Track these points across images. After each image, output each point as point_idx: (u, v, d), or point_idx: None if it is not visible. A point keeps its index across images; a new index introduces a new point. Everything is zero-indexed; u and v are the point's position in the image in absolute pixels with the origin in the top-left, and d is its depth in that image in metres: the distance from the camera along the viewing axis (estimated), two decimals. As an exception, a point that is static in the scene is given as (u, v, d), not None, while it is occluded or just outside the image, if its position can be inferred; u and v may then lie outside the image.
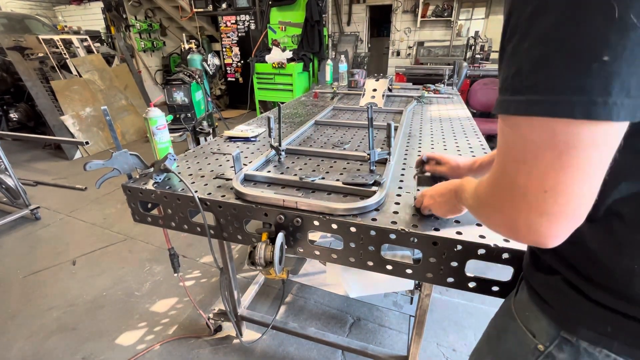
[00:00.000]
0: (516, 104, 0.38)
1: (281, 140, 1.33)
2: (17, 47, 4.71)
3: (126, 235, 2.76)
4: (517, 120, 0.39)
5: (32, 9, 8.33)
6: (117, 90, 5.35)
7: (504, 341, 0.63)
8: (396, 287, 1.40)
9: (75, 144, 4.47)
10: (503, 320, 0.66)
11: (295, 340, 1.77)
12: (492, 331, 0.70)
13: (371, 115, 1.09)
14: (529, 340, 0.56)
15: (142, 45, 7.52)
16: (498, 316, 0.70)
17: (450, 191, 0.74)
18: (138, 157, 1.17)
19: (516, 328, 0.59)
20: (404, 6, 6.83)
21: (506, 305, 0.67)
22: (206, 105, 4.34)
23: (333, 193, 1.05)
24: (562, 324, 0.52)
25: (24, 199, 2.96)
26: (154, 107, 1.31)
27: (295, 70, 5.28)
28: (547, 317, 0.53)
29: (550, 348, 0.52)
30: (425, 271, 0.86)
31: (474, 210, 0.56)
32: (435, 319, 1.87)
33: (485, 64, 4.79)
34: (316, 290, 2.10)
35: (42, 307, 2.03)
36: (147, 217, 1.18)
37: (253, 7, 6.23)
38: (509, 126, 0.40)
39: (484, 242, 0.79)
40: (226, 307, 1.49)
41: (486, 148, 1.43)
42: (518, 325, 0.59)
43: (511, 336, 0.61)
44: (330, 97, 2.65)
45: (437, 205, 0.80)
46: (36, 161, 4.59)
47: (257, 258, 0.92)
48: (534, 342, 0.55)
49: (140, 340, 1.80)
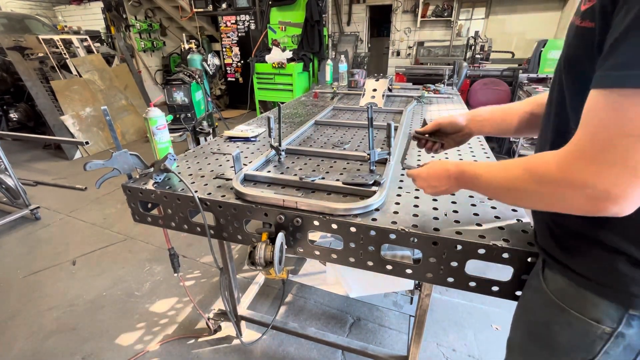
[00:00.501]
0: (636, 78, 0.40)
1: (281, 140, 1.33)
2: (17, 47, 4.71)
3: (126, 235, 2.76)
4: (635, 93, 0.40)
5: (32, 9, 8.33)
6: (117, 90, 5.34)
7: (558, 335, 0.61)
8: (396, 287, 1.40)
9: (75, 144, 4.47)
10: (546, 314, 0.64)
11: (295, 340, 1.77)
12: (533, 328, 0.68)
13: (371, 115, 1.09)
14: (593, 327, 0.56)
15: (142, 45, 7.52)
16: (534, 312, 0.68)
17: (449, 178, 0.72)
18: (138, 157, 1.17)
19: (571, 319, 0.59)
20: (404, 6, 6.83)
21: (539, 298, 0.66)
22: (206, 105, 4.34)
23: (333, 193, 1.05)
24: (629, 303, 0.52)
25: (24, 199, 2.96)
26: (154, 107, 1.31)
27: (295, 70, 5.28)
28: (609, 300, 0.54)
29: (620, 328, 0.53)
30: (425, 271, 0.86)
31: (529, 193, 0.54)
32: (435, 319, 1.87)
33: (485, 64, 4.78)
34: (316, 290, 2.10)
35: (42, 307, 2.03)
36: (147, 217, 1.18)
37: (253, 7, 6.23)
38: (622, 100, 0.42)
39: (484, 242, 0.79)
40: (226, 307, 1.49)
41: (486, 147, 1.43)
42: (572, 315, 0.58)
43: (566, 328, 0.60)
44: (330, 97, 2.65)
45: (431, 189, 0.80)
46: (36, 161, 4.59)
47: (257, 258, 0.92)
48: (600, 328, 0.55)
49: (140, 340, 1.80)
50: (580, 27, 0.53)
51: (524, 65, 4.51)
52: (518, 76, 4.20)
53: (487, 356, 1.68)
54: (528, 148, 3.75)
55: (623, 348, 0.54)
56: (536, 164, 0.53)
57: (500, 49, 5.86)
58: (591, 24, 0.50)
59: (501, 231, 0.84)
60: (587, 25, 0.51)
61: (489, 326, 1.83)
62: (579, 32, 0.54)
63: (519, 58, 5.49)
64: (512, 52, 5.66)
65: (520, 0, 5.94)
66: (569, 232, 0.60)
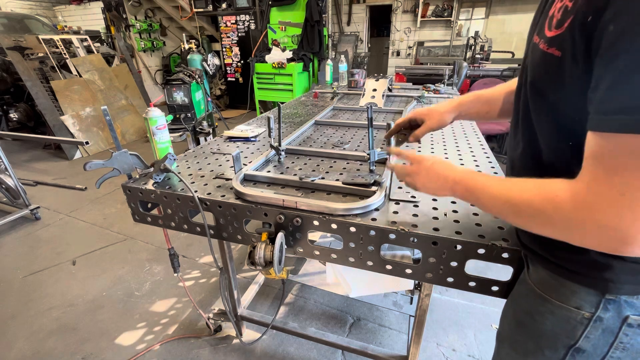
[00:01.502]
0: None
1: (281, 140, 1.33)
2: (17, 47, 4.71)
3: (126, 235, 2.76)
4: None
5: (32, 9, 8.33)
6: (117, 90, 5.34)
7: (541, 323, 0.64)
8: (396, 287, 1.40)
9: (75, 144, 4.47)
10: (530, 305, 0.67)
11: (295, 340, 1.77)
12: (519, 318, 0.70)
13: (371, 115, 1.09)
14: (573, 314, 0.59)
15: (142, 45, 7.52)
16: (520, 303, 0.71)
17: (447, 180, 0.70)
18: (138, 157, 1.17)
19: (553, 308, 0.62)
20: (404, 6, 6.83)
21: (524, 290, 0.69)
22: (206, 105, 4.34)
23: (333, 193, 1.05)
24: (605, 289, 0.56)
25: (24, 199, 2.96)
26: (154, 107, 1.31)
27: (295, 70, 5.28)
28: (586, 287, 0.57)
29: (598, 312, 0.57)
30: (425, 271, 0.86)
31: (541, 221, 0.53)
32: (435, 319, 1.87)
33: (485, 64, 4.78)
34: (316, 290, 2.10)
35: (42, 307, 2.03)
36: (147, 217, 1.18)
37: (253, 7, 6.23)
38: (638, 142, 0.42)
39: (484, 242, 0.79)
40: (226, 307, 1.49)
41: (486, 148, 1.43)
42: (554, 304, 0.61)
43: (549, 317, 0.63)
44: (330, 97, 2.64)
45: (424, 189, 0.76)
46: (36, 161, 4.59)
47: (257, 258, 0.92)
48: (580, 314, 0.58)
49: (140, 340, 1.80)
50: (547, 53, 0.54)
51: (524, 65, 4.51)
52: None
53: (487, 356, 1.68)
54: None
55: (602, 331, 0.57)
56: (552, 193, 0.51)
57: (500, 49, 5.86)
58: (558, 53, 0.51)
59: (501, 231, 0.84)
60: (554, 53, 0.52)
61: (489, 326, 1.83)
62: (546, 58, 0.54)
63: (519, 58, 5.49)
64: (512, 52, 5.65)
65: (520, 0, 5.94)
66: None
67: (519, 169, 0.69)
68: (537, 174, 0.57)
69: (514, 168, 0.72)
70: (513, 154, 0.72)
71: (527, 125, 0.64)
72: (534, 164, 0.64)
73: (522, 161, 0.68)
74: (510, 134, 0.75)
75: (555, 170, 0.57)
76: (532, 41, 0.62)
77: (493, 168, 1.22)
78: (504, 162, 4.05)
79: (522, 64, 0.67)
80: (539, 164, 0.63)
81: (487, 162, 1.28)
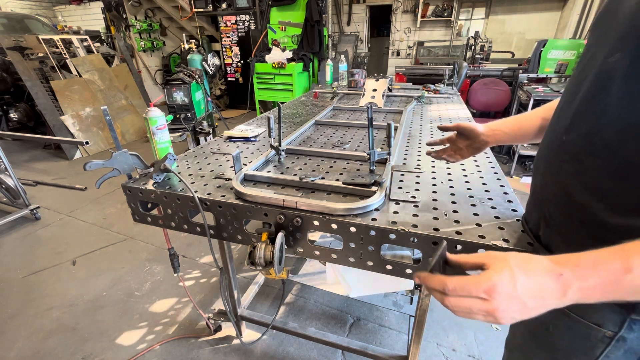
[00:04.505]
0: None
1: (281, 140, 1.33)
2: (17, 47, 4.71)
3: (126, 235, 2.76)
4: None
5: (32, 9, 8.33)
6: (117, 90, 5.35)
7: (557, 337, 0.61)
8: (396, 287, 1.40)
9: (75, 144, 4.47)
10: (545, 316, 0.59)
11: (295, 340, 1.77)
12: (534, 330, 0.68)
13: (371, 115, 1.09)
14: (593, 331, 0.55)
15: (142, 45, 7.52)
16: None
17: (549, 295, 0.47)
18: (138, 157, 1.17)
19: (571, 323, 0.58)
20: (404, 6, 6.83)
21: None
22: (206, 105, 4.34)
23: (333, 193, 1.05)
24: (632, 308, 0.51)
25: (24, 199, 2.96)
26: (154, 107, 1.31)
27: (295, 70, 5.28)
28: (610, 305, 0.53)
29: (621, 332, 0.53)
30: (425, 271, 0.86)
31: None
32: (435, 319, 1.87)
33: (485, 64, 4.78)
34: (316, 290, 2.10)
35: (42, 307, 2.03)
36: (147, 217, 1.18)
37: (253, 7, 6.23)
38: None
39: (484, 242, 0.79)
40: (226, 307, 1.49)
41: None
42: (573, 319, 0.58)
43: (566, 332, 0.60)
44: (330, 97, 2.64)
45: (515, 320, 0.48)
46: (36, 161, 4.59)
47: (257, 258, 0.92)
48: (601, 332, 0.55)
49: (140, 340, 1.80)
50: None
51: (524, 65, 4.52)
52: (518, 76, 4.20)
53: (487, 356, 1.68)
54: (528, 148, 3.76)
55: (624, 352, 0.54)
56: None
57: (500, 49, 5.87)
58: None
59: (501, 231, 0.84)
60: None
61: (489, 326, 1.83)
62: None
63: (518, 58, 5.49)
64: (512, 52, 5.66)
65: (520, 0, 5.94)
66: (580, 233, 0.57)
67: (571, 155, 0.58)
68: (601, 160, 0.51)
69: (562, 154, 0.60)
70: (561, 138, 0.60)
71: (599, 100, 0.53)
72: (598, 149, 0.53)
73: (578, 146, 0.57)
74: (552, 120, 0.66)
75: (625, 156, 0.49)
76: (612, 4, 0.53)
77: (493, 168, 1.22)
78: (504, 162, 4.05)
79: (592, 33, 0.58)
80: (605, 148, 0.52)
81: (488, 162, 1.28)
